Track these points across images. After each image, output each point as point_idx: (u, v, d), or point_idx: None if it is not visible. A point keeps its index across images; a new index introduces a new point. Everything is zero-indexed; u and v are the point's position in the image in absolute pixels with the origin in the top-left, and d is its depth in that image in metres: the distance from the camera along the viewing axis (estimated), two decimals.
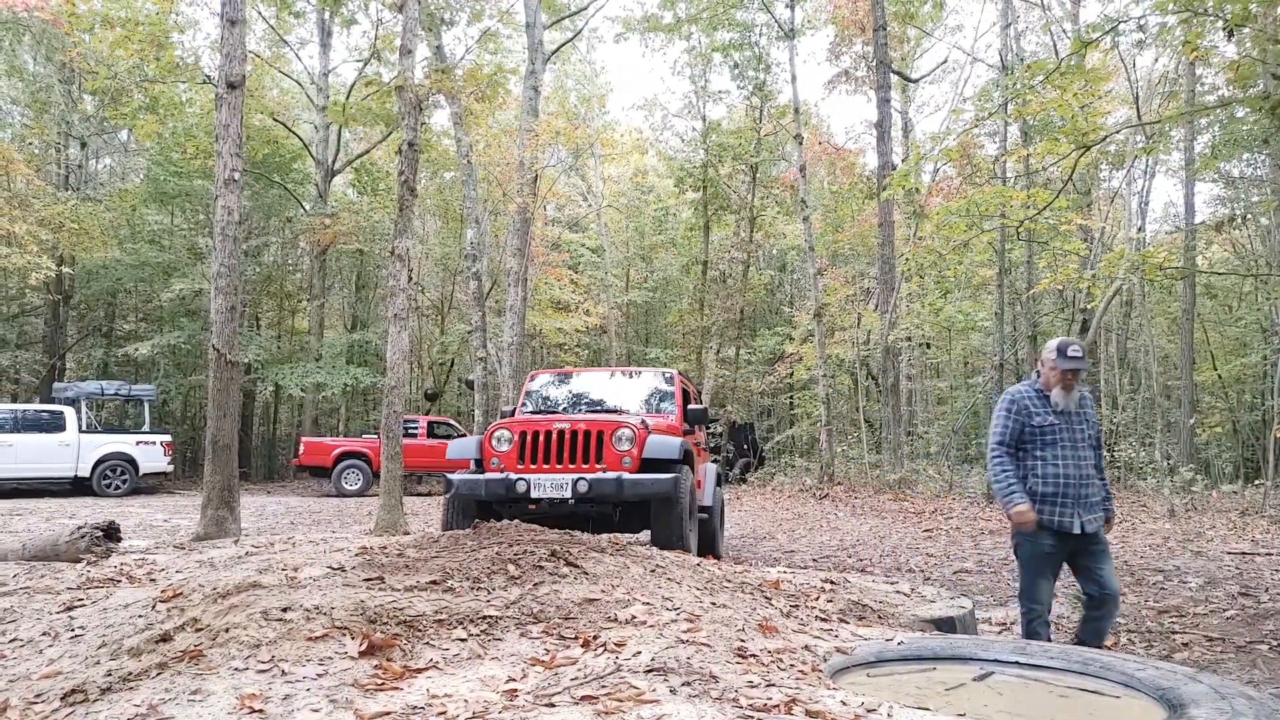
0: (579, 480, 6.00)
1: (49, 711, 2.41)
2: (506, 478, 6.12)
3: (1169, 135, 13.81)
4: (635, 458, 6.17)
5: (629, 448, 6.18)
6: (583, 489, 5.96)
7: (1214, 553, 8.12)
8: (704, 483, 8.03)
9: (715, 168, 22.70)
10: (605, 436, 6.25)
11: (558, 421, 6.37)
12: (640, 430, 6.31)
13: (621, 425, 6.27)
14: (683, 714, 2.11)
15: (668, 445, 6.32)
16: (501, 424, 6.51)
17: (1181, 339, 18.92)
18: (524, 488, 6.05)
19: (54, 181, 22.88)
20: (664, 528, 6.12)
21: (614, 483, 5.94)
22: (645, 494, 5.95)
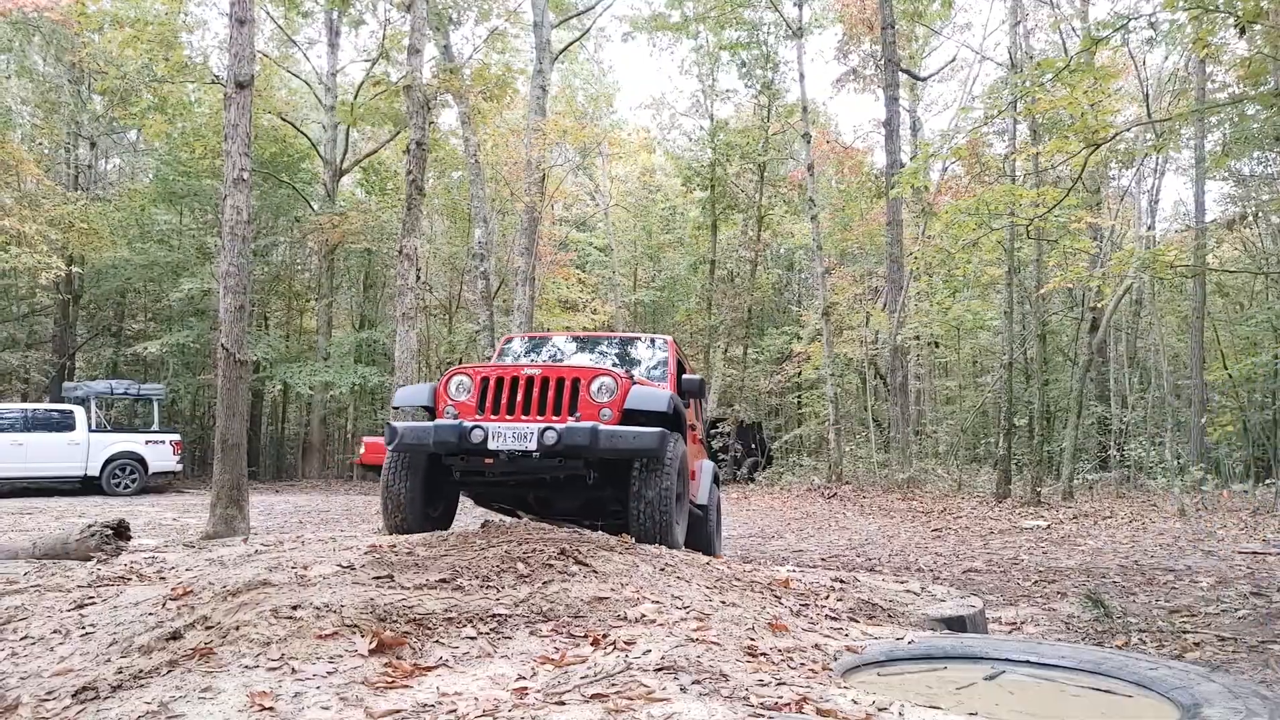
0: (546, 430, 4.95)
1: (60, 708, 2.42)
2: (460, 425, 5.05)
3: (1179, 133, 13.76)
4: (616, 410, 5.20)
5: (609, 399, 5.22)
6: (550, 440, 4.92)
7: (1225, 552, 8.08)
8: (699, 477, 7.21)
9: (723, 167, 22.68)
10: (582, 385, 5.25)
11: (526, 368, 5.39)
12: (623, 380, 5.35)
13: (601, 373, 5.34)
14: (693, 712, 2.10)
15: (655, 397, 5.34)
16: (460, 369, 5.51)
17: (1191, 338, 18.83)
18: (480, 437, 5.02)
19: (63, 181, 22.99)
20: (645, 502, 5.08)
21: (588, 433, 4.89)
22: (625, 449, 4.92)
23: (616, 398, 5.23)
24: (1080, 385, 15.33)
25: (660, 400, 5.32)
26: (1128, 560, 7.69)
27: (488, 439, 5.03)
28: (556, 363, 6.43)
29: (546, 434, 4.94)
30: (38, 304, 24.08)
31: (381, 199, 24.71)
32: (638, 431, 4.93)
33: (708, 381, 22.52)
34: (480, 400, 5.32)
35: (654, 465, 5.12)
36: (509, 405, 5.27)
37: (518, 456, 5.05)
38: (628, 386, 5.33)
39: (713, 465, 7.89)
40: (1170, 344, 22.77)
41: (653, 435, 4.91)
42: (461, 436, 5.02)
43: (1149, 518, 11.02)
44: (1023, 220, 11.45)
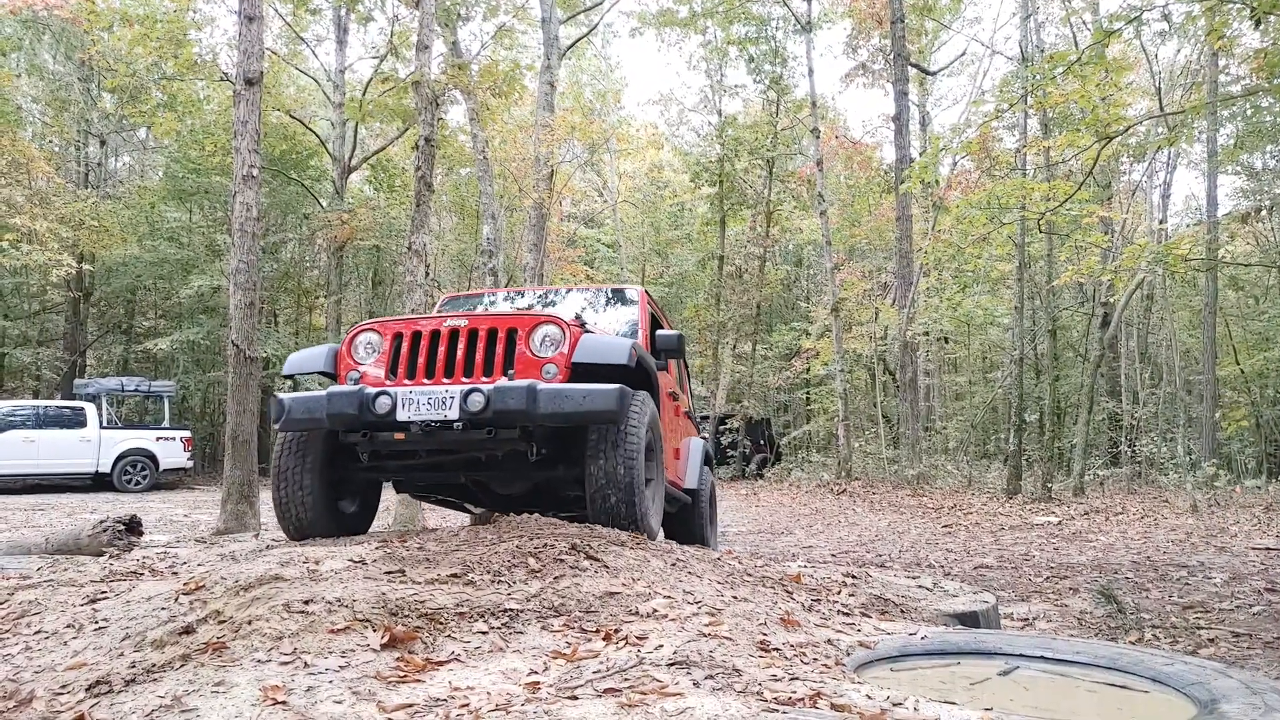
0: (471, 393, 3.88)
1: (74, 702, 2.42)
2: (360, 392, 4.00)
3: (1191, 126, 13.63)
4: (563, 366, 4.12)
5: (554, 352, 4.16)
6: (476, 405, 3.86)
7: (1238, 548, 8.03)
8: (685, 456, 6.34)
9: (731, 162, 22.63)
10: (520, 337, 4.19)
11: (450, 317, 4.29)
12: (573, 328, 4.26)
13: (543, 320, 4.27)
14: (706, 707, 2.10)
15: (612, 347, 4.26)
16: (367, 324, 4.47)
17: (1203, 333, 18.71)
18: (386, 406, 3.98)
19: (74, 179, 23.09)
20: (604, 480, 4.08)
21: (523, 393, 3.83)
22: (573, 412, 3.86)
23: (563, 350, 4.16)
24: (1091, 381, 15.25)
25: (618, 350, 4.23)
26: (1140, 556, 7.65)
27: (395, 408, 3.99)
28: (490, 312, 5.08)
29: (471, 398, 3.88)
30: (49, 301, 24.20)
31: (390, 196, 24.75)
32: (589, 389, 3.89)
33: (718, 375, 22.52)
34: (392, 361, 4.28)
35: (613, 433, 4.09)
36: (428, 366, 4.21)
37: (435, 428, 3.98)
38: (578, 336, 4.25)
39: (703, 444, 6.96)
40: (1182, 339, 22.65)
41: (608, 393, 3.88)
42: (362, 406, 3.99)
43: (1161, 514, 10.96)
44: (1033, 215, 11.39)
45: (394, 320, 4.43)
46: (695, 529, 6.38)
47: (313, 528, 4.49)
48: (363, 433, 4.12)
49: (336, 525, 4.58)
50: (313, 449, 4.46)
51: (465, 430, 3.97)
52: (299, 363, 4.69)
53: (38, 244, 18.29)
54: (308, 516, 4.46)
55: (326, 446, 4.48)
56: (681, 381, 6.90)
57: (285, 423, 4.16)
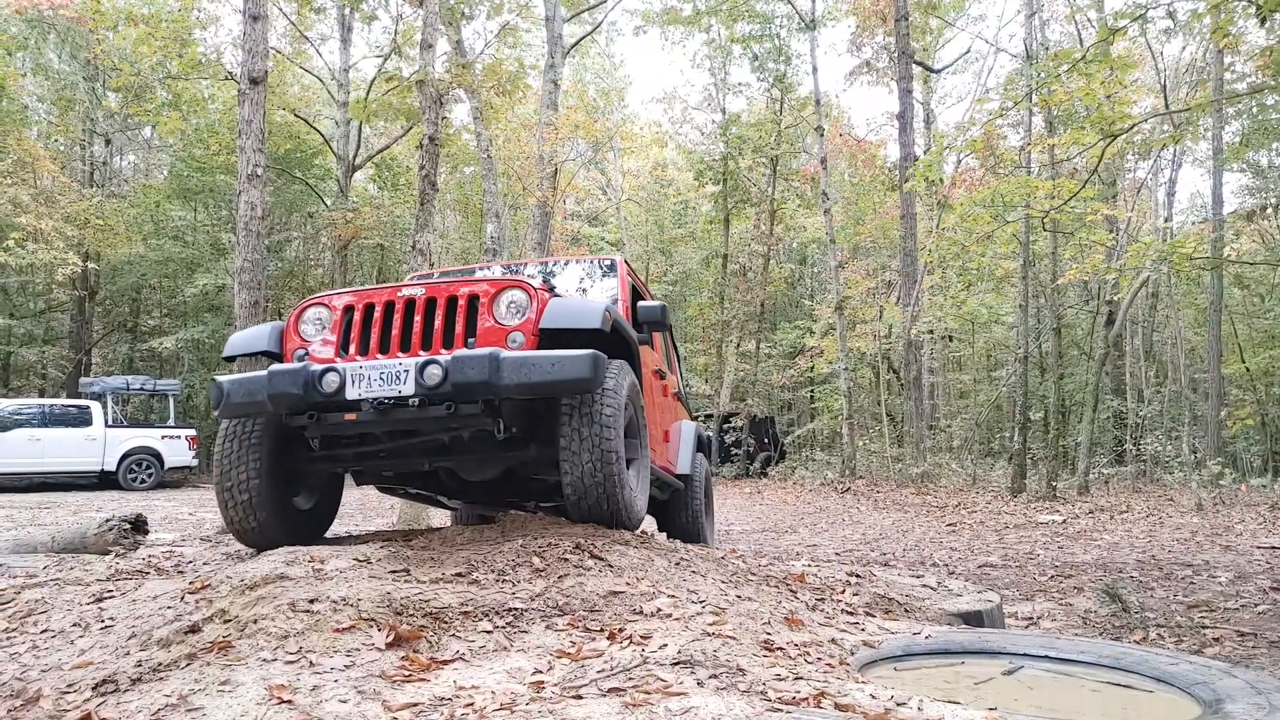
0: (427, 365, 3.52)
1: (81, 701, 2.43)
2: (305, 369, 3.60)
3: (1197, 124, 13.61)
4: (530, 333, 3.77)
5: (520, 319, 3.79)
6: (433, 378, 3.50)
7: (1243, 547, 8.01)
8: (676, 440, 5.98)
9: (735, 160, 22.61)
10: (482, 304, 3.82)
11: (406, 286, 3.94)
12: (540, 293, 3.89)
13: (507, 284, 3.89)
14: (710, 706, 2.10)
15: (583, 310, 3.88)
16: (316, 298, 4.07)
17: (1209, 331, 18.68)
18: (334, 383, 3.60)
19: (79, 178, 23.16)
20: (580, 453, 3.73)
21: (485, 362, 3.45)
22: (541, 382, 3.49)
23: (530, 317, 3.79)
24: (1096, 379, 15.23)
25: (590, 314, 3.84)
26: (1145, 555, 7.64)
27: (344, 385, 3.60)
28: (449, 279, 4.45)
29: (427, 370, 3.50)
30: (54, 300, 24.27)
31: (394, 194, 24.78)
32: (558, 355, 3.52)
33: (722, 374, 22.52)
34: (343, 336, 3.90)
35: (588, 403, 3.75)
36: (382, 340, 3.84)
37: (389, 406, 3.60)
38: (545, 301, 3.87)
39: (697, 428, 6.53)
40: (1187, 337, 22.61)
41: (580, 359, 3.50)
42: (307, 385, 3.59)
43: (1166, 512, 10.94)
44: (1038, 213, 11.37)
45: (345, 292, 4.03)
46: (689, 521, 6.03)
47: (260, 529, 4.06)
48: (309, 415, 3.70)
49: (290, 526, 4.15)
50: (259, 438, 4.02)
51: (422, 407, 3.59)
52: (241, 343, 4.23)
53: (43, 243, 18.35)
54: (255, 517, 4.03)
55: (275, 435, 4.04)
56: (670, 361, 6.50)
57: (224, 408, 3.72)
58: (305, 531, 4.27)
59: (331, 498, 4.65)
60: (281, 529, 4.08)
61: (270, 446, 4.04)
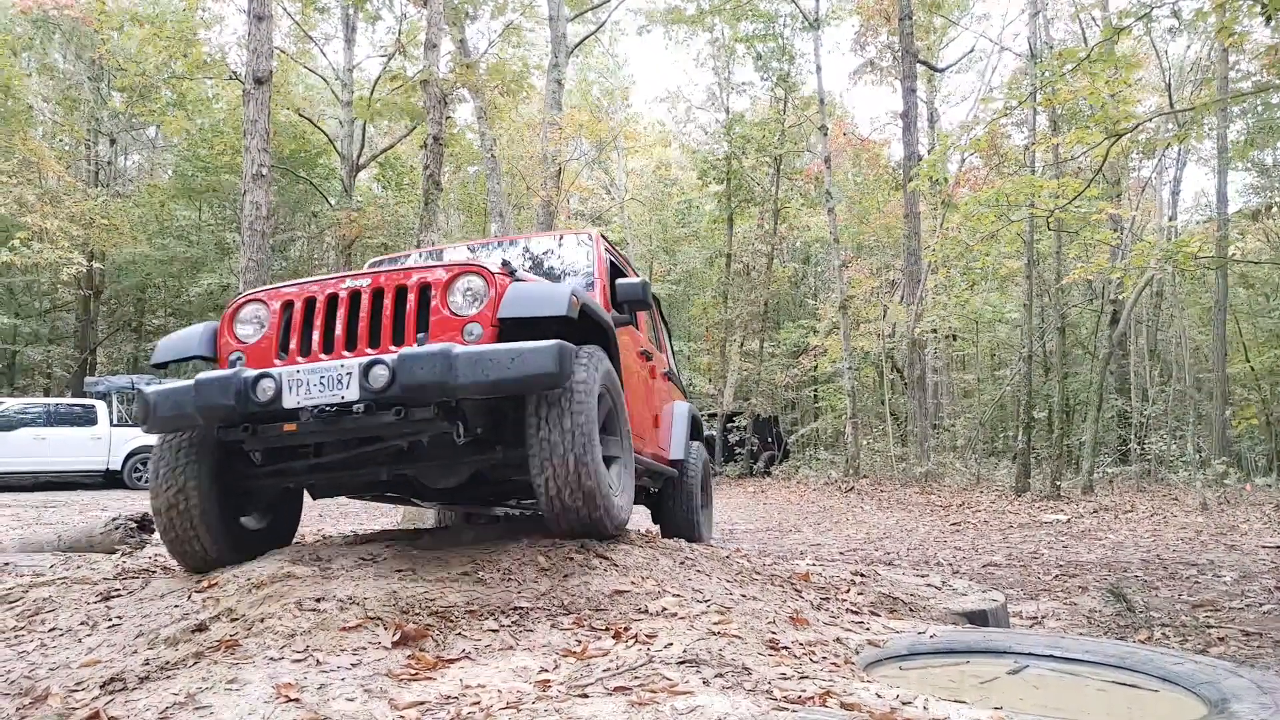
0: (372, 366, 3.13)
1: (89, 699, 2.44)
2: (235, 376, 3.22)
3: (1202, 123, 13.58)
4: (489, 324, 3.37)
5: (477, 308, 3.40)
6: (379, 380, 3.12)
7: (1248, 547, 8.00)
8: (666, 423, 5.53)
9: (739, 160, 22.61)
10: (434, 293, 3.42)
11: (351, 277, 3.54)
12: (500, 277, 3.49)
13: (463, 270, 3.48)
14: (716, 705, 2.10)
15: (546, 296, 3.45)
16: (252, 293, 3.67)
17: (1214, 330, 18.64)
18: (269, 391, 3.21)
19: (84, 178, 23.21)
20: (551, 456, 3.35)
21: (437, 361, 3.08)
22: (502, 380, 3.11)
23: (488, 305, 3.39)
24: (1100, 378, 15.21)
25: (554, 299, 3.42)
26: (1149, 555, 7.63)
27: (280, 392, 3.21)
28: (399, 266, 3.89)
29: (373, 372, 3.12)
30: (59, 299, 24.34)
31: (398, 194, 24.82)
32: (518, 348, 3.13)
33: (725, 373, 22.51)
34: (282, 336, 3.51)
35: (556, 400, 3.35)
36: (326, 338, 3.44)
37: (332, 414, 3.21)
38: (505, 286, 3.47)
39: (691, 409, 6.04)
40: (1192, 336, 22.57)
41: (543, 351, 3.12)
42: (240, 394, 3.20)
43: (1170, 512, 10.93)
44: (1042, 212, 11.34)
45: (284, 286, 3.63)
46: (684, 513, 5.57)
47: (206, 553, 3.64)
48: (244, 427, 3.33)
49: (239, 548, 3.72)
50: (197, 452, 3.59)
51: (369, 413, 3.20)
52: (171, 347, 3.74)
53: (49, 242, 18.39)
54: (197, 540, 3.60)
55: (215, 447, 3.62)
56: (659, 338, 6.12)
57: (150, 423, 3.33)
58: (257, 552, 3.79)
59: (287, 514, 4.20)
60: (229, 552, 3.66)
61: (210, 461, 3.62)
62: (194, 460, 3.59)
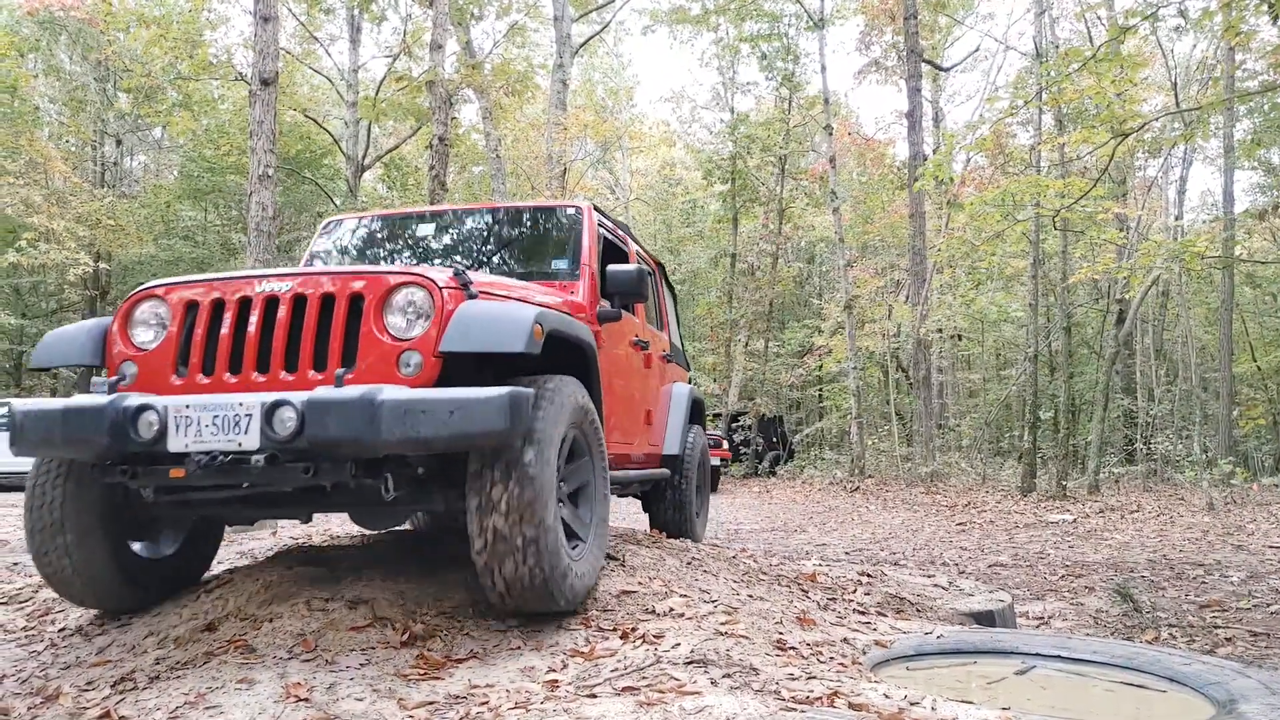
0: (276, 409, 2.52)
1: (100, 698, 2.46)
2: (112, 408, 2.61)
3: (1208, 122, 13.56)
4: (430, 352, 2.71)
5: (419, 331, 2.75)
6: (285, 429, 2.50)
7: (1255, 547, 7.98)
8: (662, 413, 5.02)
9: (743, 159, 22.61)
10: (367, 307, 2.76)
11: (269, 278, 2.88)
12: (448, 290, 2.80)
13: (405, 279, 2.81)
14: (725, 705, 2.11)
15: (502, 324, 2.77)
16: (149, 289, 2.99)
17: (1220, 330, 18.58)
18: (153, 428, 2.60)
19: (90, 179, 23.26)
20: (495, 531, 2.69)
21: (356, 412, 2.45)
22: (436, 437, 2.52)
23: (432, 326, 2.73)
24: (1106, 378, 15.18)
25: (512, 329, 2.75)
26: (1156, 555, 7.61)
27: (165, 433, 2.59)
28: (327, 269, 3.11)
29: (278, 416, 2.50)
30: (66, 300, 24.41)
31: (403, 194, 24.86)
32: (459, 399, 2.52)
33: (730, 373, 22.50)
34: (182, 345, 2.87)
35: (504, 458, 2.70)
36: (233, 355, 2.81)
37: (226, 465, 2.58)
38: (454, 305, 2.78)
39: (692, 391, 5.52)
40: (1198, 336, 22.51)
41: (490, 404, 2.53)
42: (116, 428, 2.59)
43: (1177, 512, 10.90)
44: (1048, 211, 11.34)
45: (190, 281, 2.97)
46: (676, 511, 5.15)
47: (90, 585, 3.06)
48: (122, 469, 2.74)
49: (134, 578, 3.18)
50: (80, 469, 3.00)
51: (273, 464, 2.58)
52: (53, 348, 3.08)
53: (55, 243, 18.44)
54: (77, 571, 3.01)
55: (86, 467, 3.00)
56: (660, 314, 5.48)
57: (20, 445, 2.74)
58: (164, 583, 3.33)
59: (205, 536, 3.57)
60: (122, 584, 3.12)
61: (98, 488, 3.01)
62: (74, 480, 3.00)
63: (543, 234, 4.34)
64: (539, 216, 4.41)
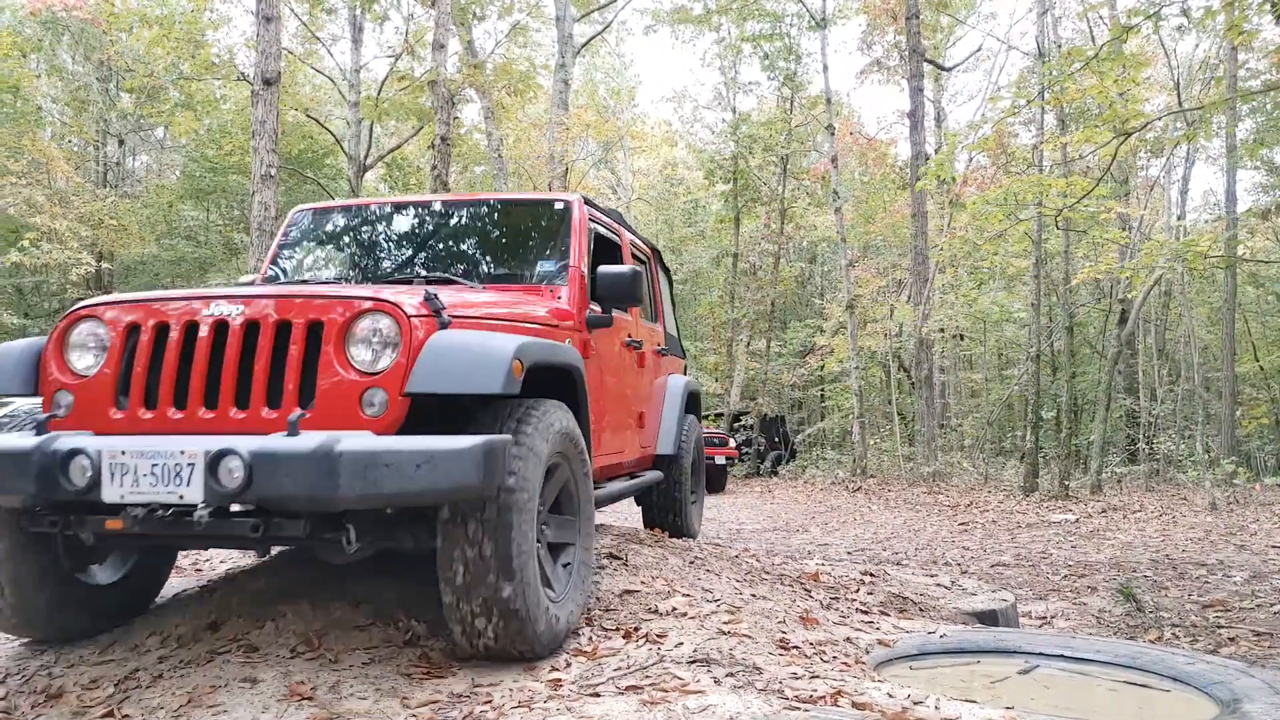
0: (221, 459, 2.22)
1: (103, 697, 2.46)
2: (40, 452, 2.31)
3: (1210, 121, 13.55)
4: (398, 389, 2.47)
5: (387, 363, 2.50)
6: (231, 480, 2.21)
7: (1258, 546, 7.97)
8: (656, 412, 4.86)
9: (745, 159, 22.59)
10: (327, 336, 2.51)
11: (218, 299, 2.60)
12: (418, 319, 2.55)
13: (370, 308, 2.54)
14: (728, 704, 2.11)
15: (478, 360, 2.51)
16: (89, 307, 2.74)
17: (1223, 329, 18.57)
18: (85, 476, 2.30)
19: (93, 179, 23.28)
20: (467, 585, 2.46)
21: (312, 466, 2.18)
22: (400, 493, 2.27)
23: (400, 359, 2.49)
24: (1109, 377, 15.16)
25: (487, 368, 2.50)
26: (1158, 555, 7.61)
27: (99, 481, 2.29)
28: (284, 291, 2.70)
29: (223, 466, 2.21)
30: (69, 300, 24.38)
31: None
32: (428, 450, 2.27)
33: (732, 373, 22.49)
34: (122, 375, 2.58)
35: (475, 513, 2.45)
36: (178, 389, 2.53)
37: (167, 519, 2.36)
38: (425, 336, 2.53)
39: (685, 382, 5.34)
40: (1200, 335, 22.47)
41: (465, 455, 2.28)
42: (44, 477, 2.30)
43: (1179, 512, 10.89)
44: (1050, 211, 11.32)
45: (136, 301, 2.66)
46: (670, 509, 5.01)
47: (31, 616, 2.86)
48: (51, 520, 2.55)
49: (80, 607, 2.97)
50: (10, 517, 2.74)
51: (220, 517, 2.38)
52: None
53: (58, 243, 18.45)
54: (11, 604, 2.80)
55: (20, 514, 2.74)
56: (655, 305, 5.22)
57: None
58: (112, 609, 3.11)
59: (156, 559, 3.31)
60: (61, 612, 2.91)
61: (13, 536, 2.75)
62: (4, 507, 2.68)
63: (528, 230, 4.00)
64: (525, 210, 4.09)
